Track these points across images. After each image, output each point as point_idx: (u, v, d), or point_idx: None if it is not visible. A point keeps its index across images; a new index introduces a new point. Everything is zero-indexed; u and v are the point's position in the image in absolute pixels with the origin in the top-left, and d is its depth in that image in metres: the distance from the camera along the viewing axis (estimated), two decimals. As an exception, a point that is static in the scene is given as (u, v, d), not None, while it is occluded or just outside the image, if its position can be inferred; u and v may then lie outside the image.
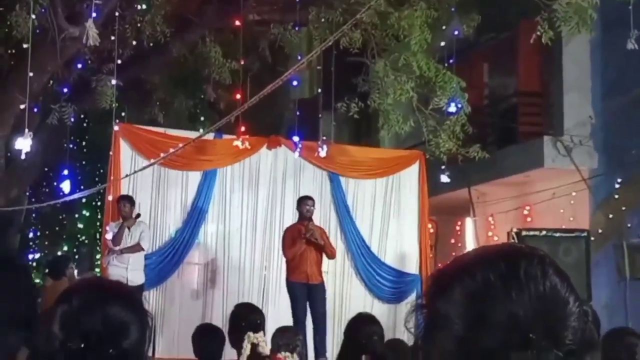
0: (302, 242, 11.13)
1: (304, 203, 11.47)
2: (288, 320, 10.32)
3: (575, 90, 13.52)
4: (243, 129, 12.04)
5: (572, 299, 1.39)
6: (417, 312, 1.45)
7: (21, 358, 2.13)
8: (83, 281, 2.51)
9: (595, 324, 3.41)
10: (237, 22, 12.16)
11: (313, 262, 11.22)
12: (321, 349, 10.97)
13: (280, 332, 6.79)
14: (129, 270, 11.06)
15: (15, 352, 2.12)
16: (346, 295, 12.68)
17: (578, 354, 1.35)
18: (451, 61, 12.71)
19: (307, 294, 11.12)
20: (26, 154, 9.71)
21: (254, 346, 5.53)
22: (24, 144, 9.51)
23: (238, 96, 12.44)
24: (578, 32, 11.08)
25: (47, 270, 13.60)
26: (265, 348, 5.57)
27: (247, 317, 5.98)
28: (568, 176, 13.31)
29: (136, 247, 11.32)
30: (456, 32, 12.92)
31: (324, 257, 11.47)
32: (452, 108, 12.30)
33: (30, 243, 23.18)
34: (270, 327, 7.59)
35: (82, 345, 1.86)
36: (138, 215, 11.49)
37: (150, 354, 10.50)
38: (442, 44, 12.99)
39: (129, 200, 11.56)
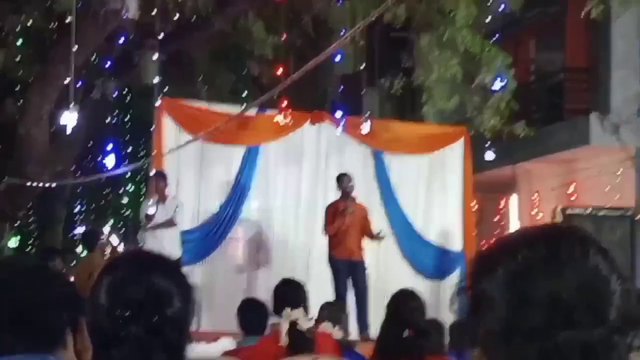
0: (342, 219, 11.13)
1: (341, 180, 11.53)
2: (330, 296, 10.32)
3: (624, 67, 13.31)
4: (285, 103, 12.00)
5: (614, 278, 1.38)
6: (461, 293, 1.47)
7: (67, 338, 2.17)
8: (128, 252, 2.59)
9: None
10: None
11: (355, 238, 11.23)
12: (364, 325, 10.97)
13: (328, 305, 6.82)
14: (164, 246, 11.06)
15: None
16: (390, 272, 12.61)
17: (622, 331, 1.34)
18: (497, 36, 12.54)
19: (349, 270, 11.12)
20: (71, 128, 9.77)
21: (293, 323, 5.52)
22: (69, 118, 9.57)
23: (280, 71, 12.39)
24: (628, 7, 10.90)
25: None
26: (305, 324, 5.55)
27: (286, 292, 6.02)
28: (614, 154, 13.14)
29: (168, 223, 11.34)
30: (502, 7, 12.74)
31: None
32: (498, 85, 12.16)
33: (76, 217, 23.44)
34: (313, 302, 7.57)
35: (127, 313, 1.91)
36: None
37: (194, 327, 10.56)
38: (488, 19, 12.82)
39: (162, 177, 11.58)
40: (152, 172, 11.85)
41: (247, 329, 6.51)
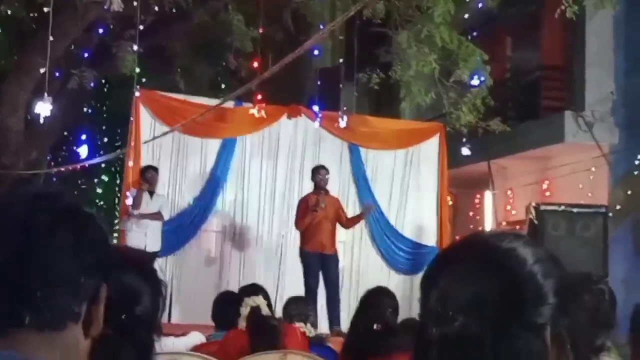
0: (312, 213, 11.13)
1: (317, 172, 11.48)
2: (303, 290, 10.38)
3: (598, 66, 13.40)
4: (260, 97, 12.03)
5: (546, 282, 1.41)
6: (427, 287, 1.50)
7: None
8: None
9: (612, 302, 3.38)
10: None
11: (328, 232, 11.23)
12: (335, 319, 10.99)
13: (292, 302, 6.81)
14: (147, 236, 11.13)
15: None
16: (363, 265, 12.68)
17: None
18: (474, 34, 12.61)
19: (320, 263, 11.14)
20: (46, 118, 9.76)
21: (255, 309, 5.56)
22: (43, 108, 9.55)
23: (255, 64, 12.41)
24: (602, 7, 10.99)
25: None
26: (266, 310, 5.63)
27: (245, 289, 6.15)
28: (588, 151, 13.24)
29: (156, 215, 11.38)
30: (480, 5, 12.82)
31: (338, 228, 11.51)
32: (474, 81, 12.23)
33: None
34: (287, 294, 7.63)
35: None
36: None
37: (165, 320, 10.56)
38: (466, 16, 12.88)
39: (154, 169, 11.64)
40: (130, 163, 11.85)
41: (219, 323, 6.52)
